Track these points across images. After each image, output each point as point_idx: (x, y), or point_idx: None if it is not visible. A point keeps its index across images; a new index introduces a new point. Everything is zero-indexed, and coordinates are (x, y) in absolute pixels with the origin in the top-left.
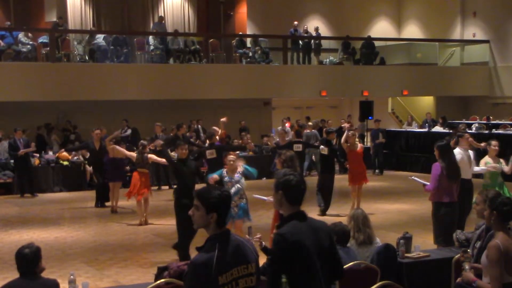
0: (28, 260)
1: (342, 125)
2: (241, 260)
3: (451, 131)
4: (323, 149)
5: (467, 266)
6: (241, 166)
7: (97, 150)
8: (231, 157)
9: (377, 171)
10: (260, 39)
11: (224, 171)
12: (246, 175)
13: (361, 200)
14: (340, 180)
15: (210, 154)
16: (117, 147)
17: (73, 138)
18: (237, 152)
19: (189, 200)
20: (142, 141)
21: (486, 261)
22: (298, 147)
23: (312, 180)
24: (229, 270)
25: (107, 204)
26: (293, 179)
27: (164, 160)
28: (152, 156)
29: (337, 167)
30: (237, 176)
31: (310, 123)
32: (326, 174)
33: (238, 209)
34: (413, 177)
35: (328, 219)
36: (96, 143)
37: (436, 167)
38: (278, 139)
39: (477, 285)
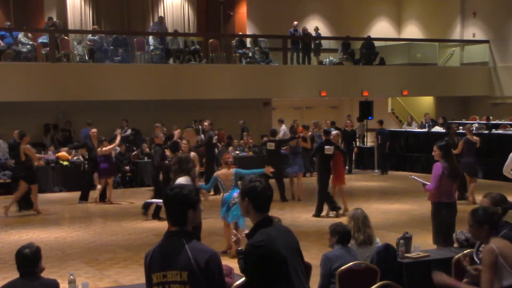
0: (29, 260)
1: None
2: (172, 265)
3: (447, 131)
4: (329, 149)
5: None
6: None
7: (96, 148)
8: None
9: (376, 171)
10: (259, 39)
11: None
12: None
13: (346, 201)
14: (347, 180)
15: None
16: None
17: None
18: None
19: None
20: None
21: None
22: (271, 145)
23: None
24: (161, 271)
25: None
26: (258, 186)
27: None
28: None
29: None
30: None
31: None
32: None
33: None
34: (412, 176)
35: (329, 219)
36: (94, 141)
37: (437, 167)
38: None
39: None
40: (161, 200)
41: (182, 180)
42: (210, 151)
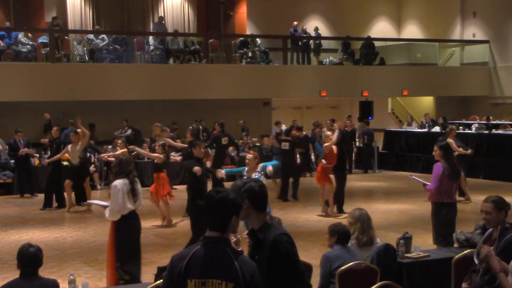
0: (35, 259)
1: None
2: (215, 273)
3: (443, 131)
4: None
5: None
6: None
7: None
8: (249, 156)
9: (377, 171)
10: (256, 39)
11: (246, 169)
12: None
13: (330, 202)
14: (347, 180)
15: None
16: (139, 150)
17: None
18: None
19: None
20: (162, 142)
21: None
22: (285, 145)
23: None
24: (201, 278)
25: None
26: (255, 185)
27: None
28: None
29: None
30: (255, 176)
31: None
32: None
33: None
34: (413, 176)
35: (328, 219)
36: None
37: (438, 167)
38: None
39: (499, 277)
40: (103, 202)
41: (120, 182)
42: (218, 152)
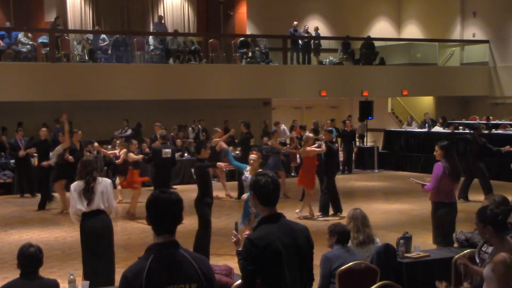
0: (36, 258)
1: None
2: (178, 278)
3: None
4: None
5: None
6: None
7: (78, 150)
8: (253, 156)
9: (376, 171)
10: (258, 39)
11: (247, 168)
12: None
13: (309, 206)
14: (347, 180)
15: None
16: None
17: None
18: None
19: (210, 199)
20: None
21: (491, 275)
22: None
23: None
24: (164, 287)
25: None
26: (261, 179)
27: (140, 157)
28: (131, 155)
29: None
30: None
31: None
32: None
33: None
34: (411, 179)
35: (329, 220)
36: (76, 144)
37: (438, 167)
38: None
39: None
40: None
41: (73, 184)
42: (245, 153)
